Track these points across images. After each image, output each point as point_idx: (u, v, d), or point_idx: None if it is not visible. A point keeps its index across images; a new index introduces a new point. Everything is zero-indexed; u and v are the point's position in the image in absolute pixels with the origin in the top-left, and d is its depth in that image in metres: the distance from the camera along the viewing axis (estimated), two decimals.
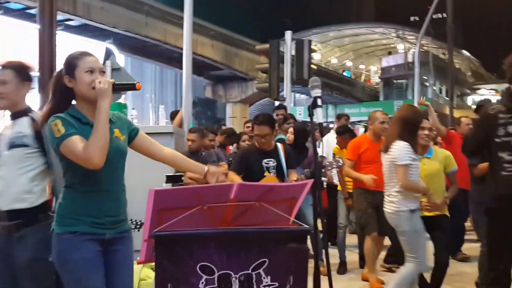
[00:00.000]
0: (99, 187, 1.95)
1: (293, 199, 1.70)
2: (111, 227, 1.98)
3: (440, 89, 35.06)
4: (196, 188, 1.54)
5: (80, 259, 1.91)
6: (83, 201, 1.95)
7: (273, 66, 9.39)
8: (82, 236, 1.92)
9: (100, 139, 1.86)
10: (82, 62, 1.96)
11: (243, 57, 24.80)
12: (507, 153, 2.50)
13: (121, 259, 2.03)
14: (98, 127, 1.87)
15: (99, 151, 1.85)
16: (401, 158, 3.07)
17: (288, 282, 1.62)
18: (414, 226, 3.11)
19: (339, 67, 39.85)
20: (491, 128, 2.54)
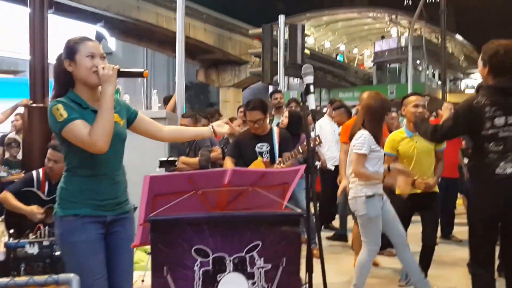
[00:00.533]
0: (99, 170, 1.97)
1: (285, 184, 1.74)
2: (112, 209, 2.02)
3: (433, 73, 35.15)
4: (191, 173, 1.57)
5: (82, 241, 1.95)
6: (84, 184, 1.98)
7: (266, 50, 9.37)
8: (84, 218, 1.95)
9: (106, 124, 1.88)
10: (83, 47, 1.95)
11: (236, 41, 24.62)
12: (493, 143, 2.53)
13: (121, 240, 2.07)
14: (104, 112, 1.89)
15: (105, 136, 1.87)
16: (358, 146, 3.14)
17: (281, 264, 1.67)
18: (369, 212, 3.16)
19: (332, 51, 39.71)
20: (477, 122, 2.55)
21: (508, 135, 2.51)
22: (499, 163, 2.51)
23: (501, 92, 2.54)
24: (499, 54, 2.56)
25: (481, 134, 2.54)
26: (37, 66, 4.56)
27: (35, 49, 4.51)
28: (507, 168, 2.49)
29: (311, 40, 33.74)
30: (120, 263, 2.09)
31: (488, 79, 2.62)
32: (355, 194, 3.22)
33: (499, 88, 2.55)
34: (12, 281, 1.33)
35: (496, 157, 2.53)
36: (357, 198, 3.20)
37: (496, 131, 2.51)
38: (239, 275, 1.62)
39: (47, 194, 3.59)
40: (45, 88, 4.66)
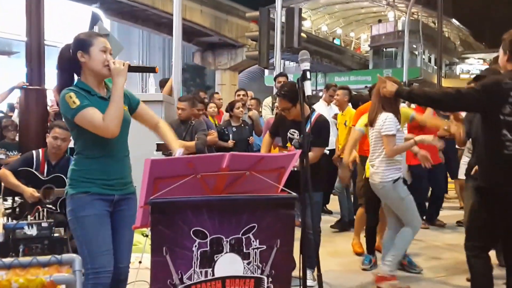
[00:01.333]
0: (106, 152, 2.15)
1: (282, 168, 1.78)
2: (119, 188, 2.19)
3: (429, 58, 35.07)
4: (190, 157, 1.61)
5: (91, 215, 2.11)
6: (93, 165, 2.15)
7: (263, 33, 9.33)
8: (93, 195, 2.12)
9: (118, 112, 2.07)
10: (97, 41, 2.15)
11: (233, 24, 24.38)
12: (510, 131, 2.37)
13: (125, 217, 2.22)
14: (116, 102, 2.08)
15: (117, 122, 2.07)
16: (388, 128, 3.18)
17: (276, 245, 1.73)
18: (400, 193, 3.25)
19: (329, 34, 39.43)
20: (498, 102, 2.38)
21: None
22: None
23: None
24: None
25: (498, 118, 2.38)
26: (34, 47, 4.53)
27: (32, 30, 4.48)
28: None
29: (308, 24, 33.47)
30: (123, 239, 2.25)
31: (508, 66, 2.48)
32: (382, 180, 3.25)
33: None
34: (16, 261, 1.37)
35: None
36: (385, 184, 3.24)
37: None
38: (235, 255, 1.68)
39: (46, 174, 3.62)
40: (42, 70, 4.65)
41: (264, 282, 1.71)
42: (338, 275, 3.80)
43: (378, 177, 3.27)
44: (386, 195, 3.31)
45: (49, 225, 3.17)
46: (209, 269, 1.64)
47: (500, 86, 2.40)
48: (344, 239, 4.98)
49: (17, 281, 1.25)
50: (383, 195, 3.35)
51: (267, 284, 1.71)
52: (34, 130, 4.75)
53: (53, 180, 3.59)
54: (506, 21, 8.73)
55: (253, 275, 1.69)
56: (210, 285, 1.64)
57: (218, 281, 1.65)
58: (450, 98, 2.57)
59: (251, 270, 1.70)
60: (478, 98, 2.45)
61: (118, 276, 2.24)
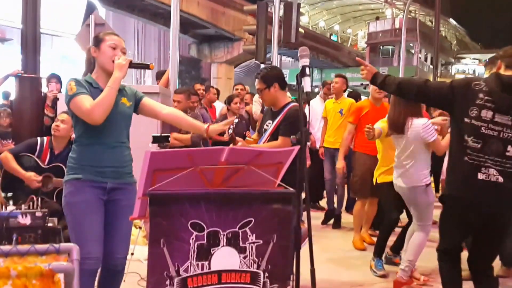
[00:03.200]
0: (98, 139, 2.20)
1: (280, 163, 1.79)
2: (112, 176, 2.22)
3: (426, 56, 35.19)
4: (190, 150, 1.61)
5: (81, 201, 2.16)
6: (85, 152, 2.21)
7: (260, 27, 9.29)
8: (84, 182, 2.17)
9: (106, 100, 2.13)
10: (109, 38, 2.27)
11: (230, 16, 24.26)
12: (472, 138, 2.27)
13: (121, 207, 2.23)
14: (107, 90, 2.15)
15: (102, 110, 2.12)
16: (432, 134, 3.17)
17: (272, 240, 1.74)
18: (430, 198, 3.29)
19: (326, 30, 39.40)
20: (465, 103, 2.29)
21: (490, 134, 2.25)
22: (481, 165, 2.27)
23: (503, 85, 2.27)
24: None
25: (463, 121, 2.30)
26: (29, 35, 4.50)
27: (27, 18, 4.44)
28: (491, 175, 2.26)
29: (305, 19, 33.42)
30: (119, 230, 2.25)
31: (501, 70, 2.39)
32: (413, 183, 3.23)
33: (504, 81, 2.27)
34: (14, 249, 1.37)
35: (476, 158, 2.28)
36: (417, 188, 3.24)
37: (480, 124, 2.26)
38: (232, 249, 1.69)
39: (47, 163, 3.61)
40: (37, 58, 4.61)
41: (260, 277, 1.72)
42: (330, 270, 3.83)
43: (412, 180, 3.25)
44: (415, 198, 3.29)
45: (43, 214, 3.16)
46: (205, 262, 1.65)
47: (469, 87, 2.31)
48: (335, 235, 5.03)
49: (16, 268, 1.25)
50: (411, 198, 3.33)
51: (263, 279, 1.73)
52: (29, 118, 4.73)
53: (53, 169, 3.58)
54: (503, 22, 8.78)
55: (249, 270, 1.71)
56: (206, 278, 1.64)
57: (214, 275, 1.66)
58: (417, 90, 2.50)
59: (247, 264, 1.71)
60: (444, 94, 2.38)
61: (114, 267, 2.25)
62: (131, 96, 2.36)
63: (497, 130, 2.24)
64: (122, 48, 2.30)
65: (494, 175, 2.25)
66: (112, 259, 2.23)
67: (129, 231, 2.35)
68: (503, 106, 2.24)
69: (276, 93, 3.09)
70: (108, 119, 2.18)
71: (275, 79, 3.07)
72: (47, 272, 1.28)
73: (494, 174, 2.25)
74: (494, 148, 2.25)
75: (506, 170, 2.26)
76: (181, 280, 1.61)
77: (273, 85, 3.05)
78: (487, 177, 2.26)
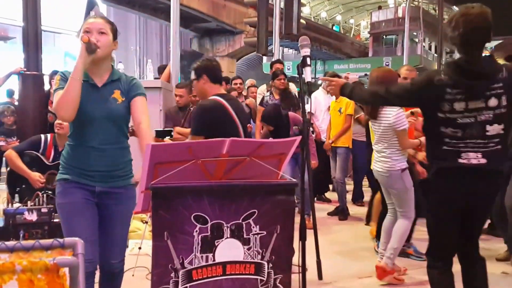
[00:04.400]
0: (86, 142, 2.06)
1: (282, 154, 1.79)
2: (101, 180, 2.08)
3: (430, 45, 34.89)
4: (191, 143, 1.61)
5: (67, 202, 2.07)
6: (74, 153, 2.09)
7: (261, 19, 9.25)
8: (71, 183, 2.07)
9: (67, 94, 1.94)
10: (85, 24, 2.07)
11: (231, 9, 24.15)
12: (450, 129, 2.24)
13: (112, 213, 2.12)
14: (68, 83, 1.95)
15: (65, 106, 1.95)
16: (403, 122, 3.17)
17: (276, 231, 1.74)
18: (406, 183, 3.28)
19: (328, 21, 39.16)
20: (434, 102, 2.24)
21: (467, 121, 2.21)
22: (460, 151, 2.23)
23: (462, 73, 2.20)
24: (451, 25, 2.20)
25: (437, 116, 2.25)
26: (31, 32, 4.51)
27: (28, 15, 4.44)
28: (471, 159, 2.22)
29: (307, 10, 33.21)
30: (111, 236, 2.14)
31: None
32: (390, 168, 3.25)
33: (461, 68, 2.21)
34: (19, 244, 1.37)
35: (455, 144, 2.25)
36: (392, 172, 3.24)
37: (455, 116, 2.21)
38: (236, 241, 1.69)
39: (52, 160, 3.63)
40: (39, 55, 4.62)
41: (264, 268, 1.73)
42: (337, 262, 3.84)
43: (387, 165, 3.27)
44: (392, 183, 3.31)
45: (48, 210, 3.19)
46: (210, 254, 1.65)
47: (431, 84, 2.25)
48: (342, 227, 5.03)
49: (21, 263, 1.26)
50: (388, 183, 3.35)
51: (267, 270, 1.73)
52: (32, 115, 4.74)
53: (57, 166, 3.59)
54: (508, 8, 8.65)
55: (253, 261, 1.71)
56: (211, 270, 1.65)
57: (219, 266, 1.66)
58: (380, 100, 2.52)
59: (251, 255, 1.71)
60: (408, 97, 2.36)
61: (111, 270, 2.19)
62: (127, 90, 2.13)
63: (473, 115, 2.21)
64: (98, 29, 2.04)
65: (476, 158, 2.22)
66: (107, 265, 2.16)
67: (123, 235, 2.24)
68: (473, 93, 2.20)
69: (204, 85, 2.94)
70: (93, 120, 2.03)
71: (204, 70, 2.92)
72: (52, 267, 1.28)
73: (475, 157, 2.22)
74: (475, 133, 2.22)
75: (489, 150, 2.22)
76: (186, 272, 1.62)
77: (202, 76, 2.91)
78: (468, 161, 2.23)
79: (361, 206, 5.97)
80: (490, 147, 2.22)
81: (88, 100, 2.01)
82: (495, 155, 2.22)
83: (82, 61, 1.96)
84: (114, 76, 2.12)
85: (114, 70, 2.15)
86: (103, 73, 2.09)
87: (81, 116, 2.01)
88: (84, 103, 1.99)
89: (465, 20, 2.15)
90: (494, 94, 2.17)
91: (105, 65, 2.10)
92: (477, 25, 2.16)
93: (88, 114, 2.02)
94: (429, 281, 2.44)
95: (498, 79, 2.17)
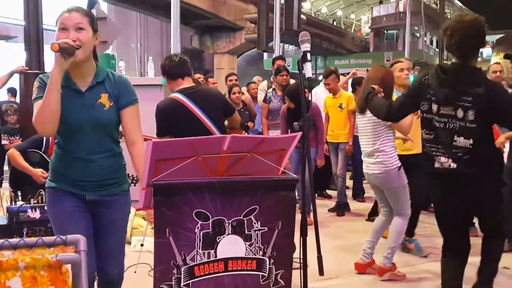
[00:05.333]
0: (73, 153, 1.90)
1: (283, 150, 1.79)
2: (93, 189, 1.94)
3: (431, 40, 34.76)
4: (192, 140, 1.61)
5: (58, 212, 1.94)
6: (61, 162, 1.94)
7: (262, 15, 9.24)
8: (61, 192, 1.93)
9: (45, 107, 1.73)
10: (59, 20, 1.84)
11: (231, 6, 24.09)
12: (425, 130, 2.34)
13: (106, 222, 2.01)
14: (45, 94, 1.74)
15: (44, 119, 1.74)
16: None
17: (277, 227, 1.75)
18: (403, 180, 3.26)
19: (329, 16, 39.04)
20: (419, 99, 2.36)
21: (438, 126, 2.30)
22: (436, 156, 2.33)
23: (439, 78, 2.29)
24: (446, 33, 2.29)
25: (422, 115, 2.37)
26: (32, 31, 4.52)
27: (30, 14, 4.45)
28: (444, 163, 2.30)
29: (307, 5, 33.11)
30: (108, 245, 2.03)
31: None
32: (386, 168, 3.21)
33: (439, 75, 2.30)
34: (22, 242, 1.38)
35: (430, 148, 2.35)
36: (390, 172, 3.21)
37: (430, 117, 2.32)
38: (237, 237, 1.70)
39: None
40: (41, 54, 4.63)
41: (266, 264, 1.73)
42: (338, 258, 3.85)
43: (383, 166, 3.21)
44: (390, 183, 3.26)
45: None
46: (211, 250, 1.66)
47: (422, 83, 2.35)
48: (342, 223, 5.04)
49: (24, 260, 1.27)
50: (386, 184, 3.29)
51: (269, 266, 1.74)
52: None
53: None
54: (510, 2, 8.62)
55: (255, 257, 1.72)
56: (213, 266, 1.66)
57: (220, 262, 1.67)
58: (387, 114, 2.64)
59: (252, 251, 1.72)
60: (409, 103, 2.46)
61: (108, 279, 2.10)
62: (115, 94, 1.91)
63: (443, 121, 2.28)
64: (75, 25, 1.79)
65: (446, 162, 2.29)
66: (106, 275, 2.07)
67: (121, 244, 2.12)
68: (441, 99, 2.27)
69: (168, 85, 2.92)
70: (78, 129, 1.84)
71: (162, 72, 2.91)
72: (55, 263, 1.29)
73: (446, 161, 2.29)
74: (443, 139, 2.29)
75: (457, 157, 2.27)
76: (188, 268, 1.63)
77: (164, 77, 2.92)
78: (441, 166, 2.31)
79: (362, 202, 5.98)
80: (459, 156, 2.26)
81: (71, 108, 1.81)
82: (465, 161, 2.26)
83: (58, 68, 1.72)
84: (99, 77, 1.90)
85: (98, 69, 1.92)
86: (87, 75, 1.88)
87: (65, 126, 1.82)
88: (66, 112, 1.79)
89: (460, 27, 2.22)
90: (461, 105, 2.22)
91: (88, 65, 1.87)
92: (471, 32, 2.22)
93: (72, 124, 1.83)
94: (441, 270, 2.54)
95: (469, 93, 2.20)
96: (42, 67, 4.77)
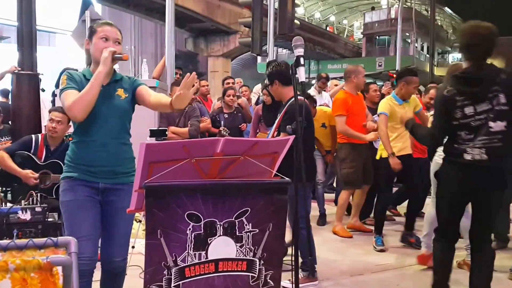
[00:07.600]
0: (89, 137, 2.14)
1: (276, 153, 1.80)
2: (105, 176, 2.16)
3: (422, 46, 35.08)
4: (185, 142, 1.61)
5: (70, 200, 2.13)
6: (79, 150, 2.17)
7: (256, 20, 9.26)
8: (75, 181, 2.14)
9: (86, 96, 2.07)
10: (100, 30, 2.20)
11: (225, 10, 24.14)
12: (465, 132, 2.56)
13: (115, 210, 2.18)
14: (88, 86, 2.08)
15: (81, 106, 2.05)
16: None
17: (268, 229, 1.76)
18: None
19: (322, 21, 39.25)
20: (449, 111, 2.58)
21: (479, 123, 2.52)
22: (467, 148, 2.55)
23: (466, 82, 2.55)
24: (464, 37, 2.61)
25: (452, 123, 2.58)
26: (25, 32, 4.49)
27: (23, 15, 4.43)
28: (475, 155, 2.53)
29: (301, 10, 33.27)
30: (115, 233, 2.20)
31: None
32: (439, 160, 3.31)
33: (464, 78, 2.56)
34: (12, 243, 1.38)
35: (466, 143, 2.56)
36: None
37: (468, 120, 2.53)
38: (228, 238, 1.70)
39: (44, 159, 3.61)
40: (33, 54, 4.60)
41: (256, 265, 1.74)
42: (329, 260, 3.86)
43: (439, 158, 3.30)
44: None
45: (43, 209, 3.18)
46: (202, 251, 1.66)
47: (443, 97, 2.61)
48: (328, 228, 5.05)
49: (14, 262, 1.27)
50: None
51: (259, 267, 1.75)
52: (26, 115, 4.72)
53: (50, 165, 3.58)
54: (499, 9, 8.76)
55: (245, 258, 1.73)
56: (203, 267, 1.66)
57: (211, 263, 1.68)
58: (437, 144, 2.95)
59: (243, 252, 1.72)
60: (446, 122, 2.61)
61: (113, 269, 2.22)
62: (129, 87, 2.26)
63: (483, 117, 2.52)
64: (115, 39, 2.21)
65: (479, 154, 2.53)
66: (110, 263, 2.19)
67: (127, 233, 2.28)
68: (478, 98, 2.51)
69: (277, 89, 3.32)
70: (97, 114, 2.12)
71: (275, 76, 3.28)
72: (45, 265, 1.29)
73: (479, 153, 2.53)
74: (483, 131, 2.52)
75: (492, 146, 2.51)
76: (178, 269, 1.63)
77: (274, 82, 3.27)
78: (472, 157, 2.54)
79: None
80: (494, 143, 2.50)
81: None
82: (496, 151, 2.51)
83: (106, 69, 2.12)
84: (116, 77, 2.26)
85: (116, 72, 2.29)
86: (107, 75, 2.21)
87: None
88: None
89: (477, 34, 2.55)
90: (493, 95, 2.49)
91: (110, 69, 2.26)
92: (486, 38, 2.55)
93: (93, 110, 2.10)
94: (433, 252, 2.84)
95: (495, 82, 2.49)
96: (35, 68, 4.74)
